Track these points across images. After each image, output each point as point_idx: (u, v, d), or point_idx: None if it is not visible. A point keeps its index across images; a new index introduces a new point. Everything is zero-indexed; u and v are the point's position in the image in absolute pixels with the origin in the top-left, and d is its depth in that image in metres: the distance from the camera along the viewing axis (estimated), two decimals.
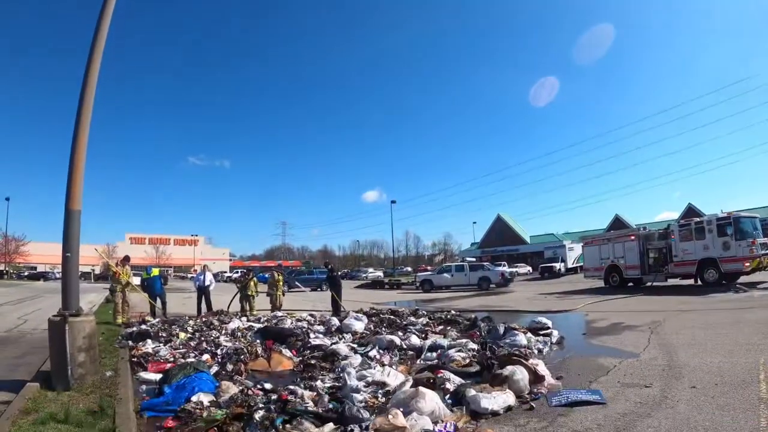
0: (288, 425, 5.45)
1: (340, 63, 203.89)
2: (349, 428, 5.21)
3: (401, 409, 5.63)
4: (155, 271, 20.85)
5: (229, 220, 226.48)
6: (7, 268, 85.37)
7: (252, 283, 21.22)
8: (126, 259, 19.38)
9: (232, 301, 21.08)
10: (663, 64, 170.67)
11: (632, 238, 28.07)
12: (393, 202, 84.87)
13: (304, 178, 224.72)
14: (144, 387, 8.38)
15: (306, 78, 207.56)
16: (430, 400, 5.90)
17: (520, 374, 7.09)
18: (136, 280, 20.29)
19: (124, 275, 18.02)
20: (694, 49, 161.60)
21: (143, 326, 14.93)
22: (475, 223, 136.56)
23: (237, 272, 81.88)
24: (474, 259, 55.44)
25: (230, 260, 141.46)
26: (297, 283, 37.46)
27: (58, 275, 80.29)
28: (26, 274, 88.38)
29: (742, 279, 23.60)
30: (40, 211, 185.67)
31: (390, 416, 5.28)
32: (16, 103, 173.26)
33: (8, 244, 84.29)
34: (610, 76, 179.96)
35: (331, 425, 5.35)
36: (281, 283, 21.35)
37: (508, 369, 7.23)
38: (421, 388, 6.15)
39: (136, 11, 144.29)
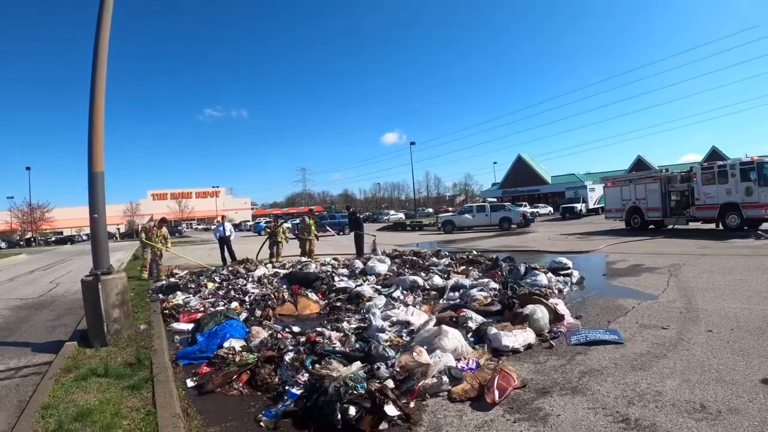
0: (317, 365, 5.64)
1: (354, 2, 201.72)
2: (376, 366, 5.41)
3: (425, 347, 5.84)
4: None
5: (249, 170, 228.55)
6: (34, 235, 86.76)
7: (281, 230, 21.40)
8: (162, 221, 19.47)
9: (261, 248, 21.32)
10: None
11: (654, 179, 27.57)
12: (412, 143, 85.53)
13: (323, 122, 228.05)
14: (177, 337, 8.65)
15: (320, 18, 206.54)
16: (453, 338, 6.11)
17: (540, 313, 7.26)
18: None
19: (159, 238, 18.14)
20: None
21: (172, 279, 15.28)
22: (495, 163, 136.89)
23: (259, 220, 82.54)
24: (495, 200, 55.30)
25: (252, 209, 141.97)
26: (327, 227, 37.43)
27: (84, 238, 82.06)
28: (53, 239, 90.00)
29: (765, 226, 23.32)
30: (62, 177, 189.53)
31: (414, 353, 5.49)
32: (33, 70, 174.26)
33: (33, 212, 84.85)
34: (637, 13, 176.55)
35: (358, 363, 5.53)
36: (313, 228, 21.43)
37: (529, 308, 7.39)
38: (444, 327, 6.36)
39: None
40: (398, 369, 5.34)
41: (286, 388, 5.42)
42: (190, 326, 9.13)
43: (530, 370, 5.75)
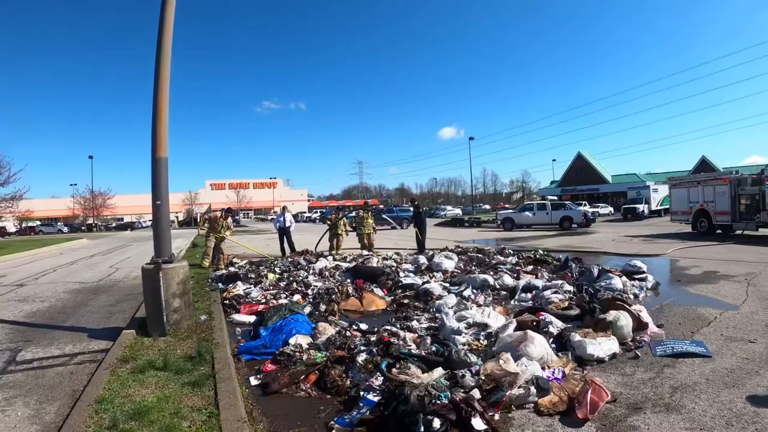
0: (394, 369, 5.25)
1: None
2: (459, 373, 4.97)
3: (508, 353, 5.39)
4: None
5: (306, 162, 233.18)
6: (95, 221, 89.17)
7: (342, 222, 21.19)
8: (228, 211, 19.30)
9: (320, 239, 21.22)
10: None
11: (724, 181, 26.47)
12: (471, 138, 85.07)
13: (380, 116, 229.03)
14: (238, 330, 8.41)
15: (378, 11, 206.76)
16: (539, 344, 5.66)
17: (624, 320, 6.77)
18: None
19: (223, 229, 18.09)
20: None
21: (231, 268, 15.11)
22: (554, 160, 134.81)
23: (317, 212, 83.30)
24: (555, 198, 54.29)
25: (308, 201, 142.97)
26: (385, 217, 37.12)
27: (144, 224, 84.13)
28: (114, 225, 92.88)
29: None
30: (124, 165, 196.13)
31: (501, 361, 5.03)
32: (93, 64, 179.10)
33: (95, 199, 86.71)
34: (701, 7, 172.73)
35: (440, 370, 5.11)
36: (370, 222, 21.17)
37: (612, 314, 6.91)
38: (530, 332, 5.89)
39: None
40: (483, 377, 4.89)
41: (360, 393, 5.01)
42: (251, 318, 8.94)
43: (618, 383, 5.32)
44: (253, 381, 5.82)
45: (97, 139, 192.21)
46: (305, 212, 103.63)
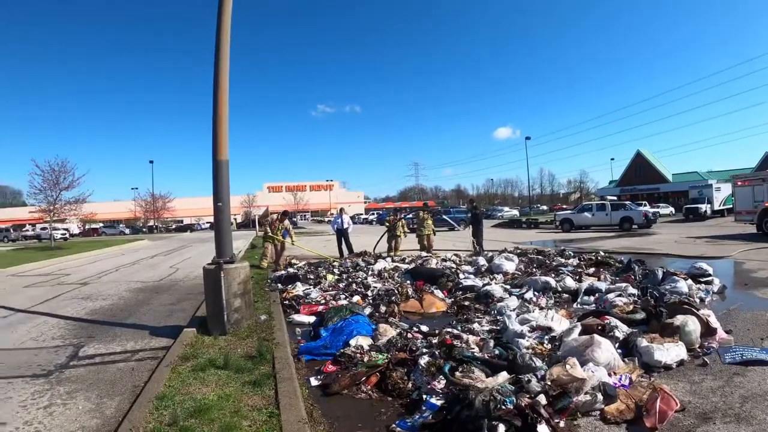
0: (457, 372, 5.14)
1: None
2: (525, 378, 4.83)
3: (574, 358, 5.25)
4: None
5: (362, 164, 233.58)
6: (156, 223, 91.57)
7: (400, 224, 21.16)
8: (284, 214, 19.51)
9: (379, 241, 21.22)
10: None
11: None
12: (527, 138, 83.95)
13: (435, 117, 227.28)
14: (298, 330, 8.40)
15: (432, 11, 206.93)
16: (606, 350, 5.46)
17: (693, 325, 6.50)
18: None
19: (279, 231, 18.35)
20: None
21: (290, 269, 15.18)
22: (612, 159, 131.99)
23: (373, 214, 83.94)
24: (615, 198, 53.34)
25: (365, 203, 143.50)
26: (446, 218, 36.95)
27: (203, 226, 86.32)
28: (174, 227, 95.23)
29: None
30: (183, 169, 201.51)
31: (568, 366, 4.88)
32: (154, 73, 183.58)
33: (155, 202, 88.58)
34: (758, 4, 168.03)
35: (504, 374, 5.00)
36: (430, 223, 21.05)
37: (679, 318, 6.63)
38: (597, 337, 5.69)
39: None
40: (549, 383, 4.75)
41: (424, 396, 4.93)
42: (311, 319, 8.95)
43: (686, 391, 5.08)
44: (314, 381, 5.79)
45: (157, 145, 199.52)
46: (362, 214, 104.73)
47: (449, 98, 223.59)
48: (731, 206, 38.50)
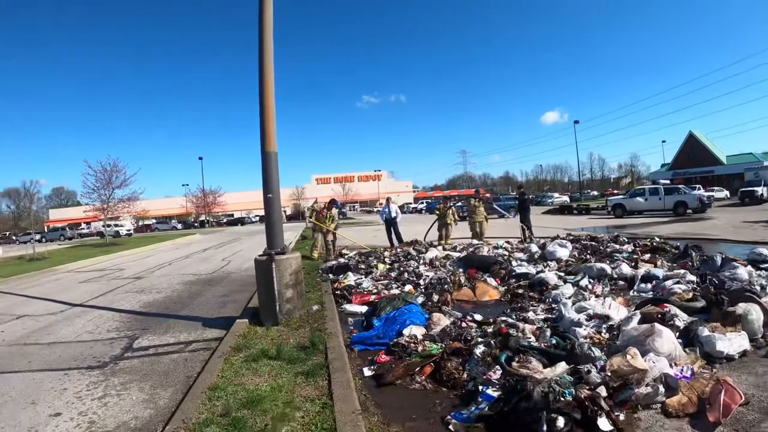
0: (514, 363, 5.02)
1: None
2: (584, 369, 4.69)
3: (635, 348, 5.09)
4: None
5: (409, 153, 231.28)
6: (207, 217, 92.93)
7: (450, 212, 20.91)
8: (332, 202, 19.49)
9: (429, 229, 21.14)
10: None
11: None
12: (576, 122, 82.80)
13: (482, 104, 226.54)
14: (351, 320, 8.40)
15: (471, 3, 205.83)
16: (668, 339, 5.27)
17: (756, 314, 6.20)
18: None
19: (328, 220, 18.40)
20: None
21: (341, 259, 15.21)
22: (664, 142, 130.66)
23: (422, 203, 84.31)
24: (668, 182, 52.32)
25: (413, 192, 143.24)
26: (496, 207, 36.71)
27: (253, 219, 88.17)
28: (225, 221, 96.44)
29: None
30: (233, 164, 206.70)
31: (629, 356, 4.71)
32: (201, 69, 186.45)
33: (206, 197, 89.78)
34: None
35: (563, 364, 4.85)
36: (482, 210, 20.81)
37: (741, 307, 6.35)
38: (658, 326, 5.48)
39: None
40: (610, 374, 4.60)
41: (479, 387, 4.81)
42: (363, 308, 8.91)
43: (750, 384, 4.85)
44: (367, 372, 5.74)
45: (207, 141, 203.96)
46: (411, 203, 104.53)
47: (495, 84, 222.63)
48: None
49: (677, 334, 5.85)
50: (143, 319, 9.74)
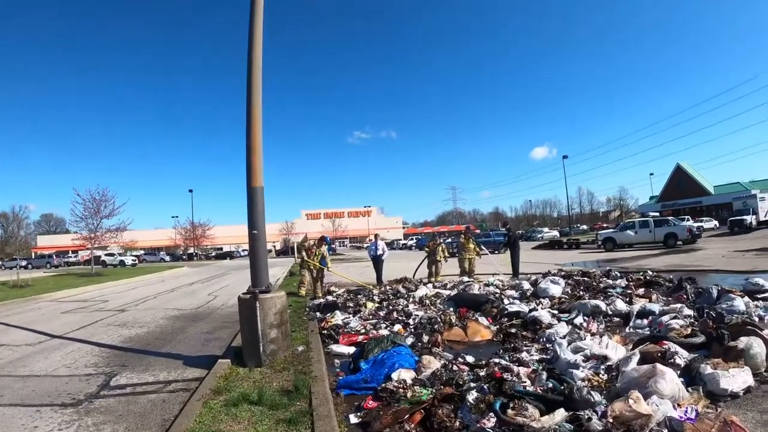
0: (509, 410, 4.74)
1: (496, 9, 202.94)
2: (585, 416, 4.41)
3: (637, 392, 4.84)
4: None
5: (399, 189, 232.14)
6: (196, 250, 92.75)
7: (440, 248, 20.74)
8: (322, 239, 19.19)
9: (419, 266, 20.89)
10: None
11: None
12: (565, 157, 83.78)
13: (471, 141, 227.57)
14: (337, 361, 8.10)
15: (463, 34, 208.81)
16: (671, 380, 5.03)
17: (758, 347, 6.05)
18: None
19: (317, 257, 18.10)
20: None
21: (329, 297, 15.02)
22: (652, 174, 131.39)
23: (412, 239, 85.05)
24: (657, 214, 52.81)
25: (403, 228, 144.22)
26: (481, 246, 36.89)
27: (243, 253, 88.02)
28: (213, 254, 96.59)
29: None
30: (222, 196, 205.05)
31: (631, 401, 4.47)
32: (192, 101, 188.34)
33: (195, 230, 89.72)
34: None
35: (562, 411, 4.58)
36: (471, 247, 20.54)
37: (743, 341, 6.19)
38: (660, 366, 5.26)
39: None
40: (612, 420, 4.34)
41: None
42: (350, 349, 8.64)
43: (756, 422, 4.64)
44: (353, 419, 5.43)
45: (197, 173, 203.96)
46: (401, 239, 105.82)
47: (484, 120, 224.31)
48: None
49: (678, 372, 5.64)
50: (123, 354, 9.51)
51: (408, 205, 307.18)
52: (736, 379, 5.35)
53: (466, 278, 18.44)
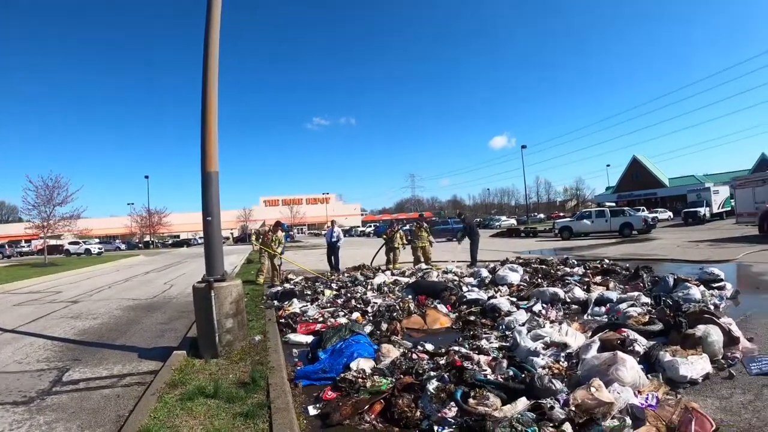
0: (470, 399, 4.70)
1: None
2: (548, 404, 4.39)
3: (599, 379, 4.83)
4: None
5: (358, 176, 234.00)
6: (152, 239, 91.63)
7: (398, 236, 20.71)
8: (278, 224, 18.90)
9: (377, 254, 20.85)
10: None
11: None
12: (523, 146, 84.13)
13: (431, 128, 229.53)
14: (295, 351, 7.99)
15: (424, 22, 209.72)
16: (631, 368, 5.06)
17: (715, 335, 6.17)
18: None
19: (274, 243, 17.86)
20: None
21: (287, 285, 14.85)
22: (608, 165, 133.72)
23: (371, 226, 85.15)
24: (613, 204, 53.59)
25: (361, 215, 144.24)
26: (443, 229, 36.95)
27: (200, 240, 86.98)
28: (170, 242, 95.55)
29: None
30: (179, 184, 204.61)
31: (593, 389, 4.46)
32: (147, 86, 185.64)
33: (151, 217, 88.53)
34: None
35: (524, 400, 4.53)
36: (424, 235, 20.43)
37: (701, 329, 6.29)
38: (621, 354, 5.29)
39: None
40: (574, 408, 4.32)
41: (434, 427, 4.47)
42: (308, 338, 8.54)
43: (716, 408, 4.72)
44: (312, 411, 5.34)
45: (154, 159, 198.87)
46: (359, 226, 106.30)
47: (444, 108, 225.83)
48: (730, 209, 38.48)
49: (638, 359, 5.70)
50: (76, 348, 9.22)
51: (367, 192, 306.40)
52: (695, 366, 5.43)
53: (424, 265, 18.38)
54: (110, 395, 6.42)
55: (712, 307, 8.48)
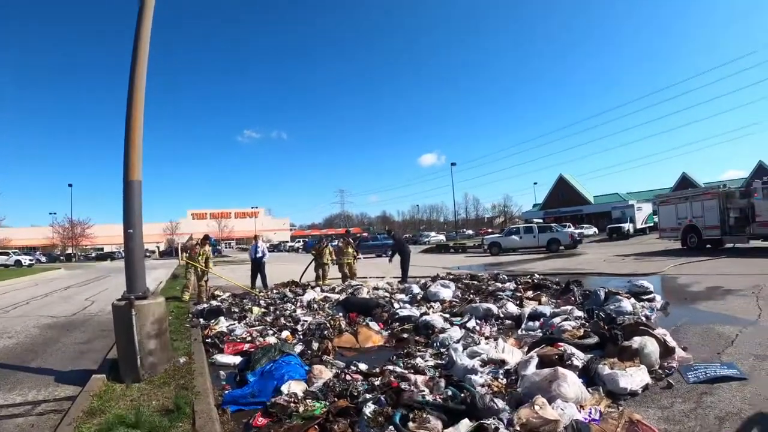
0: (409, 422, 4.48)
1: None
2: (491, 426, 4.20)
3: (541, 396, 4.74)
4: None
5: (288, 191, 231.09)
6: (74, 251, 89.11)
7: (327, 251, 20.51)
8: (205, 238, 18.57)
9: (306, 269, 20.46)
10: (729, 8, 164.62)
11: (712, 196, 26.56)
12: (453, 164, 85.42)
13: (360, 145, 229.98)
14: (223, 373, 7.63)
15: (357, 40, 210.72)
16: (573, 383, 5.03)
17: (651, 346, 6.27)
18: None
19: (201, 257, 17.34)
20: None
21: (213, 302, 14.52)
22: (536, 183, 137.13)
23: (299, 241, 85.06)
24: (541, 221, 54.71)
25: (290, 230, 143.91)
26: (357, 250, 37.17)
27: (124, 255, 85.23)
28: (93, 255, 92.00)
29: None
30: (103, 194, 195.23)
31: (537, 407, 4.36)
32: (70, 92, 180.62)
33: (74, 228, 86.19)
34: (672, 25, 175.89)
35: (466, 422, 4.35)
36: (350, 251, 20.51)
37: (637, 341, 6.38)
38: (561, 370, 5.24)
39: None
40: (518, 428, 4.21)
41: None
42: (236, 359, 8.20)
43: (659, 417, 4.77)
44: None
45: (77, 168, 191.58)
46: (287, 241, 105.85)
47: (374, 125, 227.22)
48: (653, 224, 39.59)
49: (577, 373, 5.69)
50: None
51: (296, 207, 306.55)
52: (634, 378, 5.49)
53: (354, 282, 18.26)
54: (24, 425, 5.96)
55: (644, 319, 8.62)
